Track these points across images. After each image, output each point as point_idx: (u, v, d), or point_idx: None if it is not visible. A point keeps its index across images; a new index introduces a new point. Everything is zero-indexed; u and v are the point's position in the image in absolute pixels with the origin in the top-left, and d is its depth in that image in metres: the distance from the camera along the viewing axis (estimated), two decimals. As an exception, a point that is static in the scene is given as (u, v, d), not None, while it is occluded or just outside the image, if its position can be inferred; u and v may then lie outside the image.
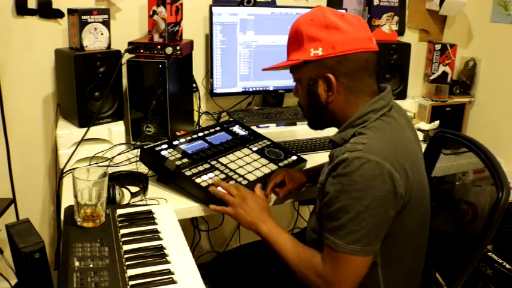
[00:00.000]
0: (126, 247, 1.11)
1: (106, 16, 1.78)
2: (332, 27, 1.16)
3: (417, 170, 1.17)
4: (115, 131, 1.76)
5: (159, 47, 1.77)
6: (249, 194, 1.38)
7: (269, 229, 1.29)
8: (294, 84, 1.29)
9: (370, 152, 1.08)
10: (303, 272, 1.20)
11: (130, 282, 0.99)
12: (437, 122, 2.20)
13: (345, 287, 1.13)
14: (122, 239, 1.14)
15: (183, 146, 1.61)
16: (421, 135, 2.08)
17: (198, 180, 1.47)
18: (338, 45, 1.15)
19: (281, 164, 1.64)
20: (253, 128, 1.90)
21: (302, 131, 2.07)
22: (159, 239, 1.16)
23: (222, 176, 1.51)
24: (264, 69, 1.31)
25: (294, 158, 1.70)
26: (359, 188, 1.07)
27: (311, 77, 1.20)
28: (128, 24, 2.00)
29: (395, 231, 1.14)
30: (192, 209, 1.46)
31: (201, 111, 2.17)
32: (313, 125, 1.32)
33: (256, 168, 1.59)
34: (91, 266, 1.01)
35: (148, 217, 1.26)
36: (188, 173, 1.48)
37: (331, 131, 1.51)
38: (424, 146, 1.48)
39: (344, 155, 1.10)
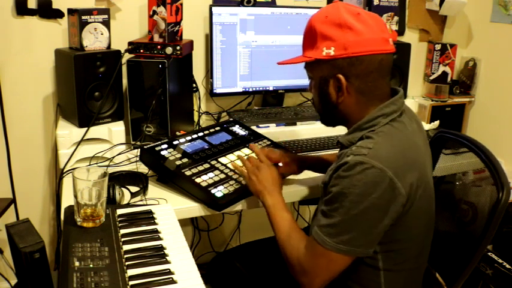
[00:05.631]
0: (126, 247, 1.11)
1: (106, 16, 1.78)
2: (345, 27, 1.13)
3: (423, 178, 1.15)
4: (115, 131, 1.76)
5: (159, 47, 1.77)
6: (265, 165, 1.42)
7: (273, 203, 1.30)
8: (308, 81, 1.28)
9: (375, 157, 1.07)
10: (287, 252, 1.21)
11: (130, 282, 0.99)
12: (437, 122, 2.19)
13: (319, 281, 1.14)
14: (122, 239, 1.14)
15: (183, 146, 1.61)
16: (421, 135, 2.08)
17: (198, 180, 1.46)
18: (350, 46, 1.12)
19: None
20: (253, 128, 1.90)
21: (302, 131, 2.08)
22: (159, 239, 1.16)
23: (222, 175, 1.51)
24: (279, 63, 1.29)
25: (294, 158, 1.70)
26: (357, 192, 1.06)
27: (322, 76, 1.19)
28: (128, 24, 2.00)
29: (399, 237, 1.13)
30: (192, 209, 1.46)
31: (201, 111, 2.17)
32: (325, 122, 1.31)
33: (256, 168, 1.59)
34: (91, 266, 1.01)
35: (148, 217, 1.26)
36: (188, 173, 1.48)
37: (331, 131, 1.51)
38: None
39: (348, 157, 1.09)
